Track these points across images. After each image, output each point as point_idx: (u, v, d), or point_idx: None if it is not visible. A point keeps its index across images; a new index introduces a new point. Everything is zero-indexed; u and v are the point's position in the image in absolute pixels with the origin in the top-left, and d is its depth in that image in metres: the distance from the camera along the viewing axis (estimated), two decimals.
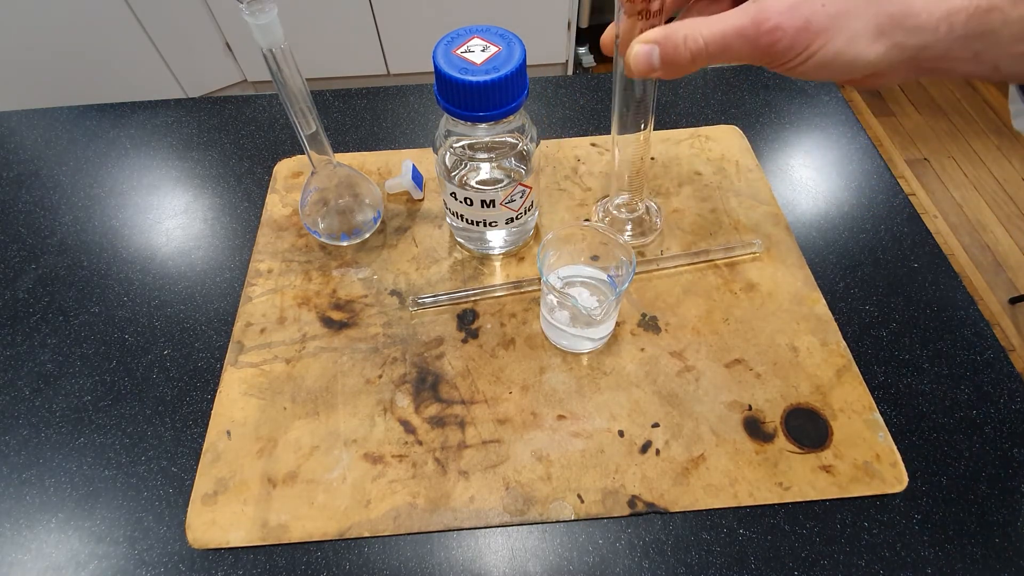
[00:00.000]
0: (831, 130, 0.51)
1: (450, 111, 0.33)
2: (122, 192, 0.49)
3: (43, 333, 0.41)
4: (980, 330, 0.39)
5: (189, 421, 0.36)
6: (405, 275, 0.42)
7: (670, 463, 0.33)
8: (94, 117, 0.55)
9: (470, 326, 0.39)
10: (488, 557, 0.31)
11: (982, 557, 0.31)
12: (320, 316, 0.40)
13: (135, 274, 0.43)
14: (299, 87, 0.34)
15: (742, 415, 0.35)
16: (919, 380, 0.37)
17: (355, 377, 0.37)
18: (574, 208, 0.45)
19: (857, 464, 0.33)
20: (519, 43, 0.32)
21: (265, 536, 0.32)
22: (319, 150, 0.38)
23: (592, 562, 0.31)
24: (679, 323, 0.39)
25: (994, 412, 0.35)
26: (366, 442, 0.35)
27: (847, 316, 0.39)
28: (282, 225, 0.45)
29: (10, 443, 0.36)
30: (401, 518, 0.32)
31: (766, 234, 0.43)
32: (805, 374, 0.37)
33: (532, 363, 0.37)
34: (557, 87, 0.56)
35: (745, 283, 0.41)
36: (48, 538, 0.33)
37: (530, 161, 0.37)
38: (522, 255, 0.43)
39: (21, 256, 0.45)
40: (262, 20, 0.30)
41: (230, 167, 0.50)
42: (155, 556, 0.32)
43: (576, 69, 1.69)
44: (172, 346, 0.40)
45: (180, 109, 0.55)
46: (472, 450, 0.34)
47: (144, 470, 0.35)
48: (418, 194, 0.46)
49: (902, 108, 1.67)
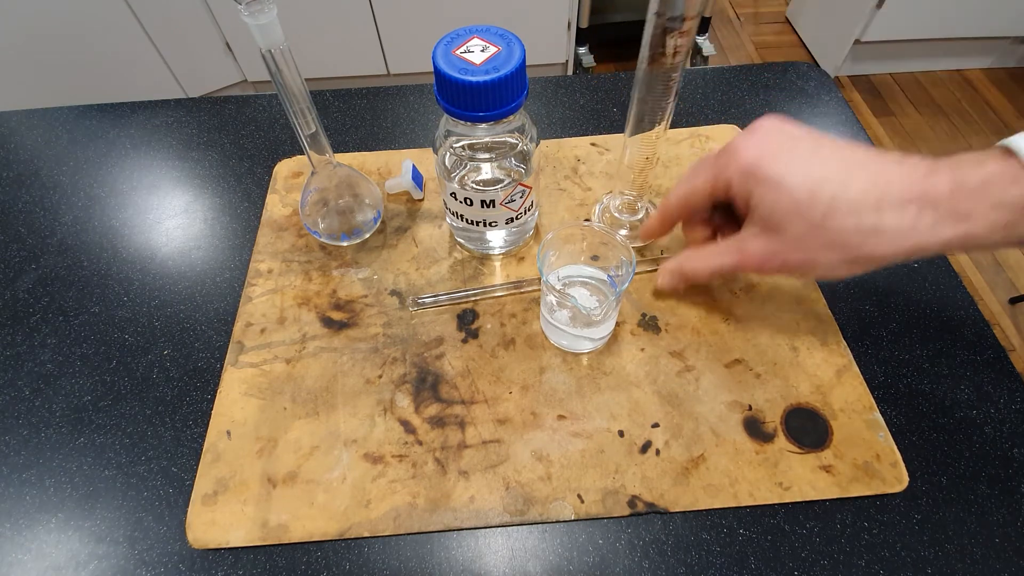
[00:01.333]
0: (831, 130, 0.51)
1: (450, 111, 0.33)
2: (122, 192, 0.49)
3: (43, 333, 0.41)
4: (980, 330, 0.39)
5: (189, 421, 0.36)
6: (405, 275, 0.42)
7: (670, 463, 0.33)
8: (94, 117, 0.55)
9: (470, 326, 0.39)
10: (488, 557, 0.31)
11: (982, 557, 0.31)
12: (320, 316, 0.40)
13: (135, 274, 0.43)
14: (299, 87, 0.34)
15: (742, 415, 0.35)
16: (919, 380, 0.37)
17: (355, 377, 0.37)
18: (574, 208, 0.45)
19: (857, 464, 0.33)
20: (519, 43, 0.32)
21: (265, 536, 0.32)
22: (319, 150, 0.38)
23: (592, 562, 0.31)
24: (679, 323, 0.39)
25: (994, 412, 0.35)
26: (366, 442, 0.35)
27: (847, 316, 0.39)
28: (282, 225, 0.45)
29: (10, 443, 0.36)
30: (401, 518, 0.32)
31: None
32: (805, 374, 0.36)
33: (532, 363, 0.37)
34: (557, 87, 0.56)
35: (745, 283, 0.41)
36: (48, 538, 0.33)
37: (530, 161, 0.37)
38: (522, 255, 0.43)
39: (21, 256, 0.45)
40: (261, 20, 0.30)
41: (230, 167, 0.50)
42: (155, 556, 0.32)
43: (576, 69, 1.69)
44: (172, 346, 0.40)
45: (180, 109, 0.55)
46: (472, 450, 0.34)
47: (144, 470, 0.35)
48: (418, 194, 0.46)
49: (902, 108, 1.67)
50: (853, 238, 0.28)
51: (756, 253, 0.32)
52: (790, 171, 0.29)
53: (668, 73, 0.32)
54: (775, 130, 0.31)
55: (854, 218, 0.28)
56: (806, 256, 0.30)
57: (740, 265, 0.33)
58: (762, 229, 0.31)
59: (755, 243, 0.32)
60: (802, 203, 0.29)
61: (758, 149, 0.30)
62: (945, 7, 1.51)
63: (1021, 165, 0.25)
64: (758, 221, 0.31)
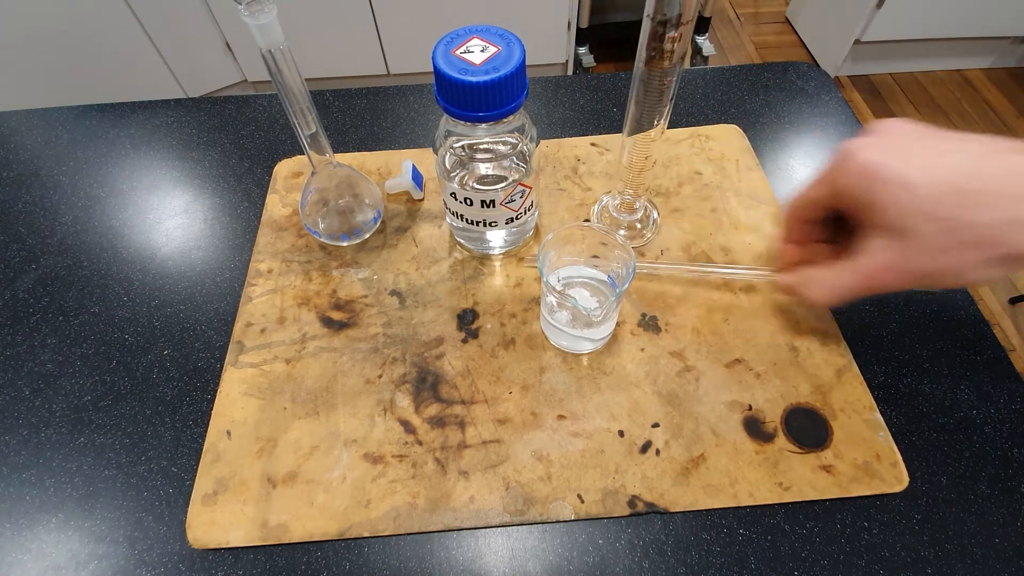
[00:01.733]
0: (831, 130, 0.51)
1: (450, 111, 0.33)
2: (122, 192, 0.49)
3: (43, 333, 0.41)
4: (980, 330, 0.39)
5: (189, 421, 0.36)
6: (405, 275, 0.42)
7: (670, 463, 0.33)
8: (94, 117, 0.55)
9: (470, 326, 0.39)
10: (488, 557, 0.31)
11: (982, 557, 0.31)
12: (320, 316, 0.40)
13: (135, 274, 0.43)
14: (299, 87, 0.34)
15: (742, 415, 0.35)
16: (919, 380, 0.37)
17: (355, 377, 0.37)
18: (574, 208, 0.45)
19: (857, 464, 0.33)
20: (519, 43, 0.32)
21: (265, 536, 0.32)
22: (319, 150, 0.38)
23: (592, 562, 0.31)
24: (679, 323, 0.39)
25: (994, 412, 0.35)
26: (366, 442, 0.35)
27: (847, 316, 0.39)
28: (282, 225, 0.45)
29: (10, 443, 0.36)
30: (401, 518, 0.32)
31: (766, 234, 0.43)
32: (805, 374, 0.36)
33: (532, 363, 0.37)
34: (557, 87, 0.56)
35: (745, 283, 0.41)
36: (48, 538, 0.33)
37: (530, 161, 0.37)
38: (522, 255, 0.43)
39: (21, 256, 0.45)
40: (261, 20, 0.30)
41: (230, 167, 0.50)
42: (155, 556, 0.32)
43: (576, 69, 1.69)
44: (172, 346, 0.40)
45: (180, 109, 0.55)
46: (472, 450, 0.34)
47: (144, 470, 0.35)
48: (418, 194, 0.46)
49: (902, 108, 1.67)
50: (995, 233, 0.25)
51: (885, 265, 0.28)
52: (916, 166, 0.27)
53: (665, 74, 0.32)
54: (895, 128, 0.29)
55: (994, 211, 0.25)
56: (942, 260, 0.27)
57: (868, 283, 0.30)
58: (889, 237, 0.28)
59: (882, 255, 0.28)
60: (934, 199, 0.26)
61: (878, 147, 0.28)
62: (945, 7, 1.51)
63: None
64: (883, 228, 0.28)
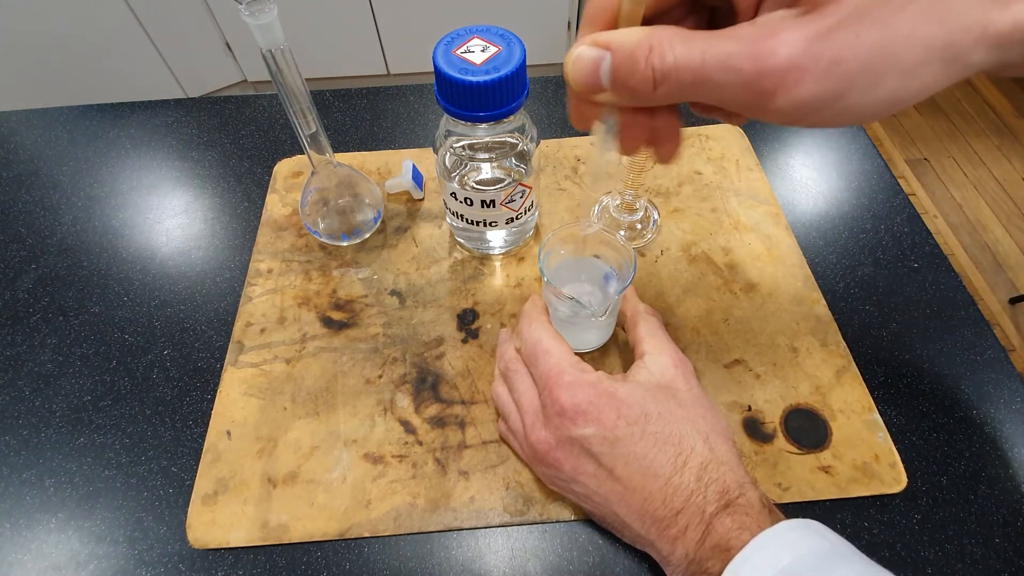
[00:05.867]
0: (831, 130, 0.51)
1: (450, 111, 0.33)
2: (122, 192, 0.49)
3: (43, 333, 0.41)
4: (980, 330, 0.39)
5: (189, 421, 0.36)
6: (405, 275, 0.42)
7: None
8: (94, 117, 0.55)
9: (470, 326, 0.39)
10: (488, 557, 0.31)
11: (982, 557, 0.31)
12: (320, 316, 0.40)
13: (135, 274, 0.43)
14: (299, 87, 0.34)
15: (742, 415, 0.35)
16: (919, 380, 0.37)
17: (355, 377, 0.37)
18: (574, 208, 0.45)
19: (856, 465, 0.33)
20: (519, 43, 0.32)
21: (265, 536, 0.32)
22: (319, 150, 0.38)
23: (592, 562, 0.31)
24: (679, 323, 0.39)
25: (994, 412, 0.35)
26: (366, 442, 0.35)
27: (847, 316, 0.39)
28: (282, 225, 0.45)
29: (10, 443, 0.36)
30: (401, 518, 0.32)
31: (766, 234, 0.43)
32: (805, 374, 0.36)
33: None
34: (557, 87, 0.56)
35: (745, 283, 0.41)
36: (48, 538, 0.33)
37: (530, 161, 0.37)
38: (522, 255, 0.43)
39: (21, 256, 0.45)
40: (262, 20, 0.30)
41: (230, 167, 0.50)
42: (155, 556, 0.32)
43: None
44: (172, 346, 0.40)
45: (180, 109, 0.55)
46: (472, 450, 0.34)
47: (144, 470, 0.35)
48: (418, 194, 0.46)
49: None
50: None
51: (793, 44, 0.17)
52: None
53: None
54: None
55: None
56: (882, 35, 0.17)
57: (752, 58, 0.18)
58: (801, 7, 0.18)
59: (791, 33, 0.17)
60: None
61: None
62: None
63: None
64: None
